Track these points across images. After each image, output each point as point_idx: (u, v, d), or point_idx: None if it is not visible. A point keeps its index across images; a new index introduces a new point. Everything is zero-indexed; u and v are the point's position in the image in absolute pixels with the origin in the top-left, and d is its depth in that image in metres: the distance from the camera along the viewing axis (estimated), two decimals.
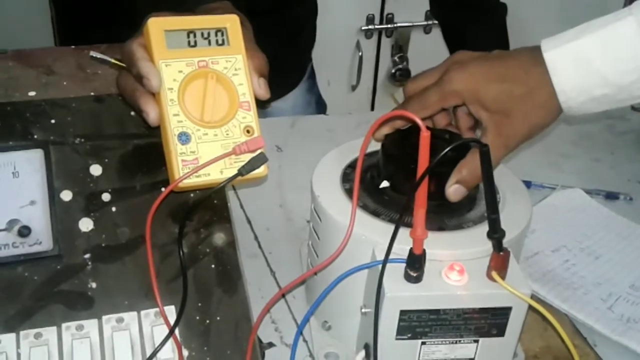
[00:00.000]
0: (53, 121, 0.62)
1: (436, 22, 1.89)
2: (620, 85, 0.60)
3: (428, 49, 1.92)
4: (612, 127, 1.13)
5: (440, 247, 0.58)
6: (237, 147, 0.58)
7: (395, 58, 1.98)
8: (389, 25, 1.95)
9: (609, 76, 0.60)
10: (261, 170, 0.59)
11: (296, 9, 1.19)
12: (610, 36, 0.60)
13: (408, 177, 0.56)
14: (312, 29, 1.28)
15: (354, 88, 2.00)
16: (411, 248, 0.54)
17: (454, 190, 0.62)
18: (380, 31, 1.96)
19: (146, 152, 0.62)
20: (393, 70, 1.98)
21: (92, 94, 0.65)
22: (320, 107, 1.37)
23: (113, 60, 0.61)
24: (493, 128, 0.63)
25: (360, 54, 1.95)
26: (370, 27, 1.94)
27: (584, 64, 0.60)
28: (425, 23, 1.95)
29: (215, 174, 0.58)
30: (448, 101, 0.64)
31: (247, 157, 0.59)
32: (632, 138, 1.10)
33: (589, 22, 0.62)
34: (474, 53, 0.66)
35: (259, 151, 0.59)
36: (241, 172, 0.58)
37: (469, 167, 0.61)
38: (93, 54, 0.61)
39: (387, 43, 1.99)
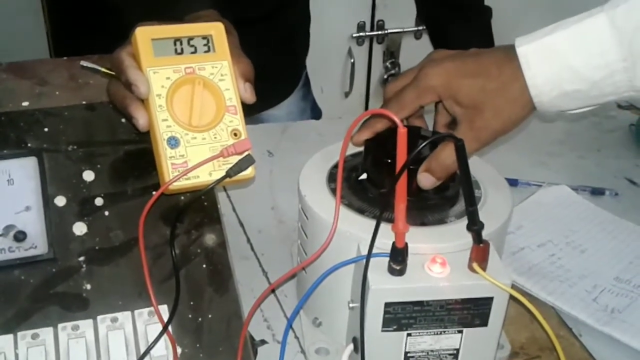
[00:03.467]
0: (46, 129, 0.64)
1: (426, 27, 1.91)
2: (591, 80, 0.62)
3: (419, 55, 1.91)
4: (598, 124, 1.15)
5: (423, 241, 0.60)
6: (224, 150, 0.60)
7: (387, 64, 2.01)
8: (380, 32, 1.97)
9: (580, 70, 0.61)
10: (249, 172, 0.61)
11: (289, 17, 1.20)
12: (582, 31, 0.61)
13: (388, 173, 0.58)
14: (305, 36, 1.30)
15: (347, 95, 2.02)
16: (394, 242, 0.56)
17: (422, 178, 0.63)
18: (371, 38, 1.99)
19: (137, 157, 0.64)
20: (385, 76, 2.01)
21: (84, 102, 0.67)
22: (315, 114, 1.38)
23: (103, 70, 0.63)
24: (465, 122, 0.65)
25: (352, 60, 1.97)
26: (361, 34, 1.97)
27: (556, 58, 0.62)
28: (415, 29, 1.98)
29: (204, 177, 0.60)
30: (424, 98, 0.66)
31: (235, 159, 0.61)
32: (618, 135, 1.12)
33: (564, 20, 0.63)
34: (450, 51, 0.68)
35: (246, 153, 0.61)
36: (229, 173, 0.60)
37: (436, 156, 0.63)
38: (84, 63, 0.63)
39: (378, 49, 2.01)
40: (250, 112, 1.16)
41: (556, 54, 0.62)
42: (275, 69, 1.14)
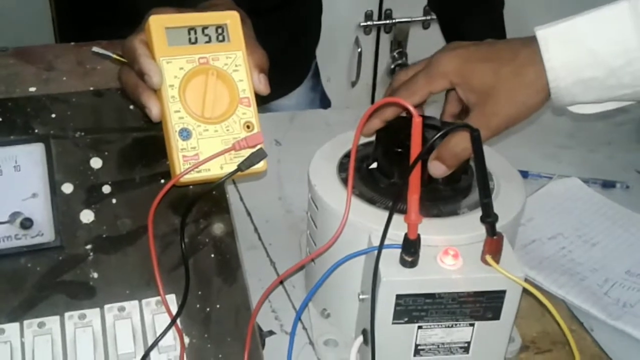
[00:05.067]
0: (53, 116, 0.63)
1: (434, 17, 1.89)
2: (610, 67, 0.60)
3: (427, 44, 1.91)
4: (609, 118, 1.13)
5: (435, 232, 0.59)
6: (236, 143, 0.60)
7: (395, 54, 1.99)
8: (388, 21, 1.96)
9: (599, 55, 0.60)
10: (260, 165, 0.60)
11: (300, 7, 1.19)
12: (603, 18, 0.60)
13: (400, 163, 0.57)
14: (316, 27, 1.28)
15: (353, 84, 2.01)
16: (406, 233, 0.55)
17: (432, 166, 0.62)
18: (379, 27, 1.97)
19: (145, 144, 0.63)
20: (392, 66, 1.99)
21: (92, 88, 0.66)
22: (324, 104, 1.37)
23: (115, 56, 0.62)
24: (477, 108, 0.63)
25: (359, 50, 1.96)
26: (368, 23, 1.95)
27: (576, 41, 0.60)
28: (423, 18, 1.96)
29: (215, 170, 0.59)
30: (435, 84, 0.65)
31: (246, 152, 0.60)
32: (629, 128, 1.10)
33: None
34: (465, 42, 0.66)
35: (258, 147, 0.60)
36: (240, 167, 0.59)
37: (446, 144, 0.62)
38: (95, 49, 0.62)
39: (385, 39, 1.99)
40: (260, 102, 1.16)
41: (576, 37, 0.60)
42: (286, 59, 1.13)
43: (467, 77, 0.63)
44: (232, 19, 0.62)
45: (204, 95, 0.60)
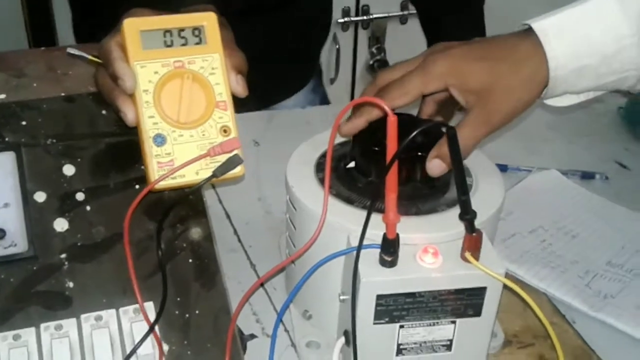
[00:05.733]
0: (24, 123, 0.62)
1: (412, 12, 1.89)
2: (603, 54, 0.62)
3: (405, 39, 1.93)
4: (587, 108, 1.14)
5: (414, 231, 0.58)
6: (211, 149, 0.59)
7: (373, 49, 1.99)
8: (365, 17, 1.95)
9: (595, 41, 0.62)
10: (237, 171, 0.59)
11: (305, 7, 1.16)
12: (595, 6, 0.62)
13: (378, 162, 0.56)
14: (324, 28, 1.26)
15: (332, 81, 2.00)
16: (385, 233, 0.55)
17: (433, 165, 0.61)
18: (356, 23, 1.97)
19: (119, 150, 0.62)
20: (371, 62, 1.99)
21: (63, 94, 0.65)
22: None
23: (90, 57, 0.61)
24: (477, 107, 0.63)
25: (337, 47, 1.95)
26: (346, 19, 1.95)
27: (573, 31, 0.62)
28: (400, 13, 1.96)
29: (190, 176, 0.59)
30: (430, 86, 0.64)
31: (223, 157, 0.59)
32: (608, 119, 1.10)
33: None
34: (455, 42, 0.66)
35: (234, 152, 0.59)
36: (215, 174, 0.58)
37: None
38: (70, 50, 0.61)
39: (363, 35, 1.99)
40: (262, 105, 1.15)
41: (572, 27, 0.62)
42: (290, 60, 1.12)
43: (464, 78, 0.63)
44: (209, 20, 0.61)
45: (179, 100, 0.59)
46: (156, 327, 0.56)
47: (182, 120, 0.59)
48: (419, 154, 0.62)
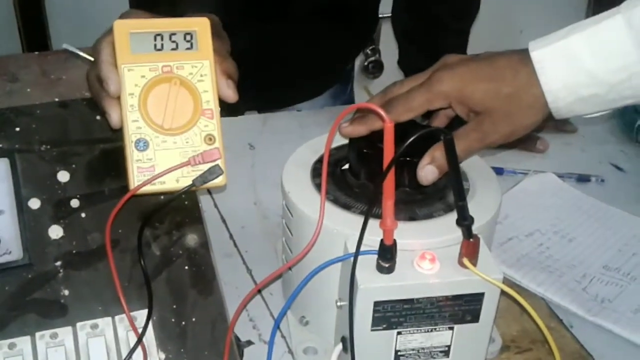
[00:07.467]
0: (18, 129, 0.61)
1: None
2: (609, 83, 0.59)
3: None
4: None
5: (411, 236, 0.58)
6: (192, 159, 0.58)
7: (367, 51, 1.98)
8: None
9: (598, 74, 0.59)
10: (218, 181, 0.59)
11: (353, 18, 1.16)
12: (599, 34, 0.59)
13: (375, 167, 0.56)
14: (365, 38, 1.28)
15: None
16: (382, 239, 0.55)
17: (425, 172, 0.61)
18: None
19: (113, 156, 0.62)
20: (366, 63, 1.98)
21: (57, 99, 0.64)
22: None
23: (84, 55, 0.61)
24: (474, 124, 0.62)
25: None
26: None
27: (573, 62, 0.59)
28: None
29: (170, 183, 0.58)
30: (435, 102, 0.63)
31: (205, 166, 0.59)
32: (603, 122, 1.10)
33: (578, 22, 0.61)
34: (463, 56, 0.65)
35: (216, 162, 0.59)
36: (195, 183, 0.58)
37: (442, 148, 0.60)
38: (66, 46, 0.61)
39: None
40: (282, 105, 1.13)
41: (572, 58, 0.59)
42: (318, 66, 1.12)
43: (468, 98, 0.62)
44: (201, 26, 0.60)
45: (165, 105, 0.58)
46: (152, 336, 0.56)
47: (167, 126, 0.58)
48: (415, 160, 0.62)
